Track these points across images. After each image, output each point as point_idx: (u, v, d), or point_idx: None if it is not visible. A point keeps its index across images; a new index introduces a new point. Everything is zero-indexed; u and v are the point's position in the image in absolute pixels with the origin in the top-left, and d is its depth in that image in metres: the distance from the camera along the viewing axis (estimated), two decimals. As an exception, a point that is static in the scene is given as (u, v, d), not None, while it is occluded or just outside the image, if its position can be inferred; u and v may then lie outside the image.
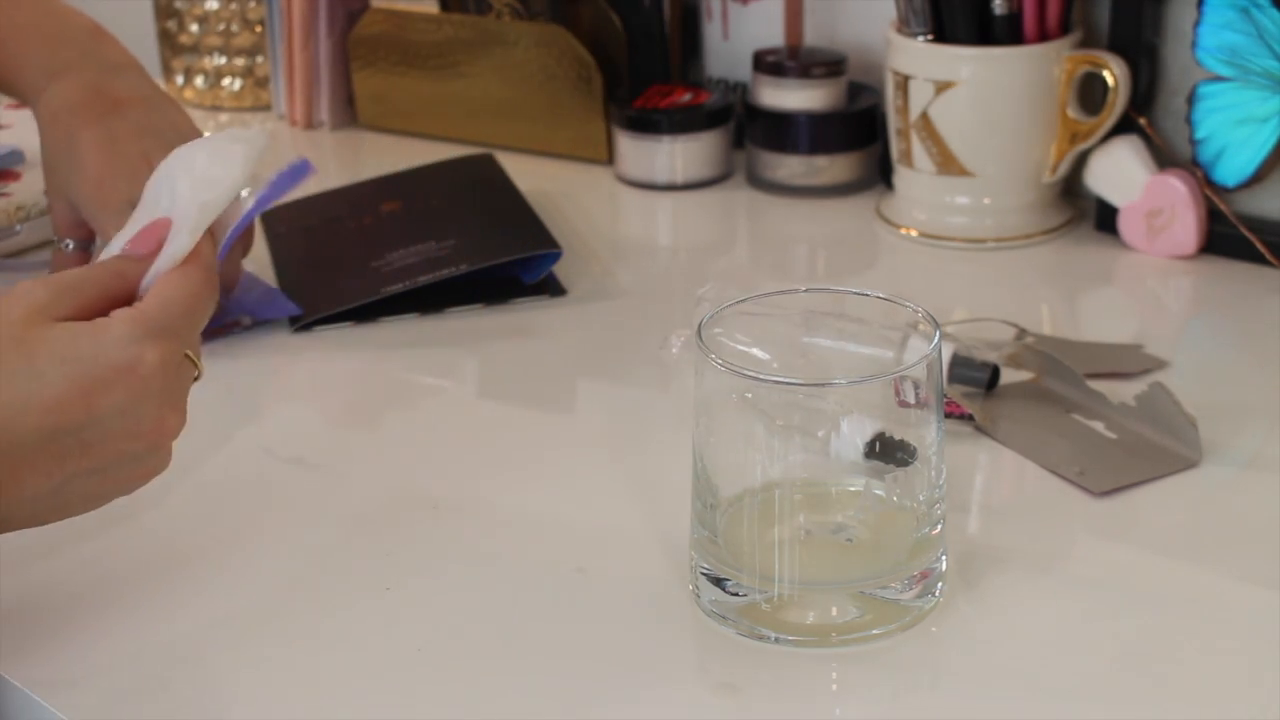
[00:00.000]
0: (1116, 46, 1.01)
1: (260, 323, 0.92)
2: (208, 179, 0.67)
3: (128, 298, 0.65)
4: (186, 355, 0.64)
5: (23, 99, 0.91)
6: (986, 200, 1.04)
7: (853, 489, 0.66)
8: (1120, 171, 1.02)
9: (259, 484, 0.78)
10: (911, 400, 0.63)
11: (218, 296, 0.67)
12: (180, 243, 0.65)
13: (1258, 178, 0.98)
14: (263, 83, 1.33)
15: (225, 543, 0.72)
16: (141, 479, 0.64)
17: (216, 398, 0.84)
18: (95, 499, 0.64)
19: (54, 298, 0.62)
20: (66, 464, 0.61)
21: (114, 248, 0.68)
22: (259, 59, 1.32)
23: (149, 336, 0.62)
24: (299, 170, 0.68)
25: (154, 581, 0.69)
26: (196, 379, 0.65)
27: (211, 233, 0.67)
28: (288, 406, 0.88)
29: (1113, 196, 1.03)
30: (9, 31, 0.90)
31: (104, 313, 0.63)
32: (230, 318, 0.91)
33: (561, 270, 0.98)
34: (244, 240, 0.90)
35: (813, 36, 1.16)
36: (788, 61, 1.12)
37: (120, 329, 0.61)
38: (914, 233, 1.05)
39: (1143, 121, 1.02)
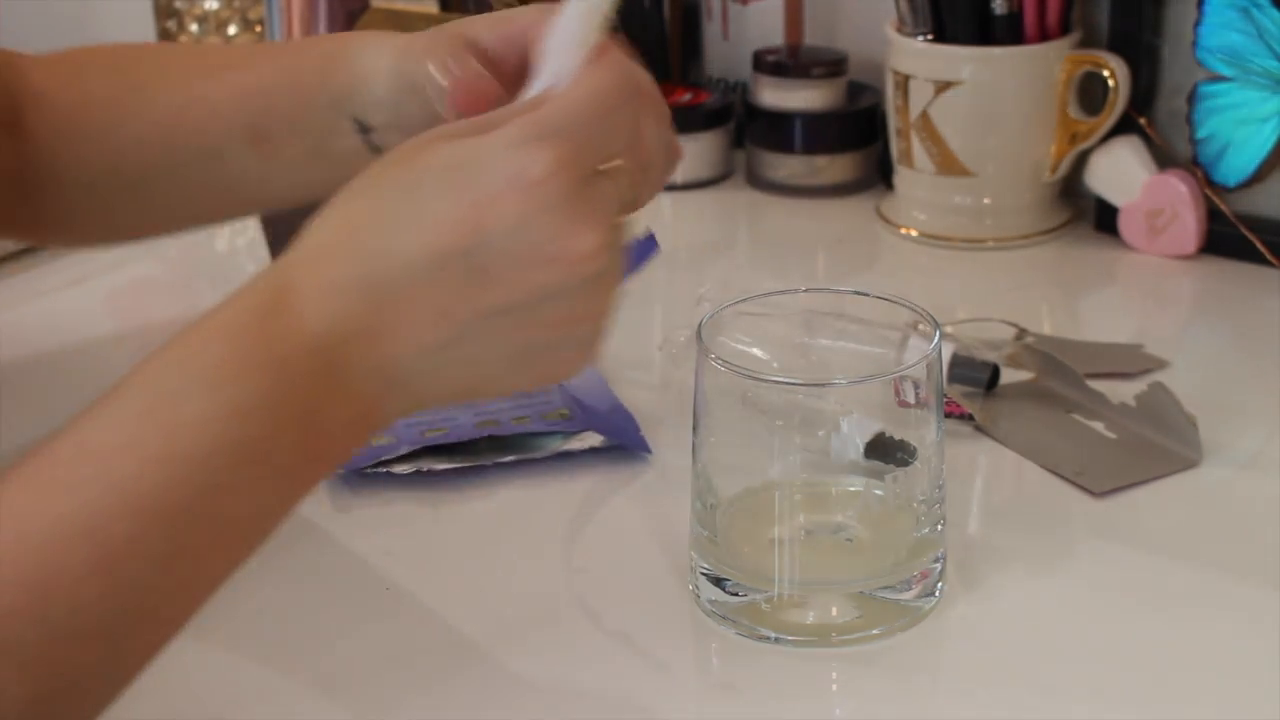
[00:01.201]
0: (1116, 46, 1.01)
1: (612, 446, 0.78)
2: None
3: None
4: (622, 175, 0.54)
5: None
6: (986, 200, 1.04)
7: (853, 489, 0.66)
8: (1120, 171, 1.02)
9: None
10: (911, 400, 0.63)
11: (636, 106, 0.56)
12: (572, 58, 0.56)
13: (1258, 178, 0.98)
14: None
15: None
16: (573, 325, 0.54)
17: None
18: (516, 352, 0.53)
19: (455, 128, 0.55)
20: (463, 297, 0.51)
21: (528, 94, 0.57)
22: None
23: (541, 139, 0.52)
24: (646, 248, 0.60)
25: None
26: (627, 205, 0.55)
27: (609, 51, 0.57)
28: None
29: (1113, 196, 1.03)
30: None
31: None
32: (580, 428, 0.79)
33: (561, 270, 0.97)
34: None
35: (813, 36, 1.16)
36: (788, 61, 1.12)
37: (508, 132, 0.52)
38: (914, 233, 1.05)
39: (1143, 121, 1.02)
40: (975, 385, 0.82)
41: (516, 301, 0.52)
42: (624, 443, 0.77)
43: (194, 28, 1.32)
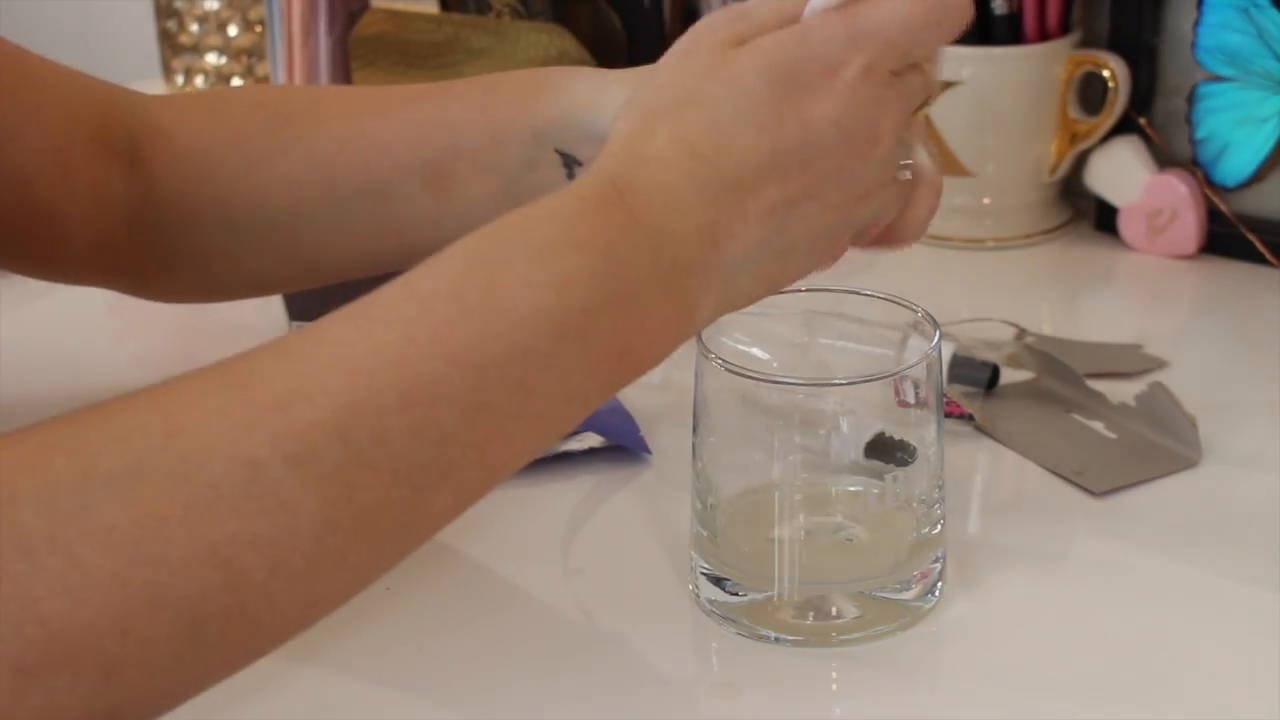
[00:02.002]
0: (1116, 46, 1.01)
1: (612, 446, 0.79)
2: None
3: None
4: (919, 68, 0.58)
5: None
6: (986, 200, 1.04)
7: (853, 489, 0.66)
8: (1120, 171, 1.02)
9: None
10: (911, 400, 0.63)
11: (949, 20, 0.58)
12: None
13: (1258, 178, 0.98)
14: (263, 83, 1.33)
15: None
16: (860, 203, 0.57)
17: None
18: (821, 236, 0.57)
19: (737, 24, 0.57)
20: (786, 187, 0.55)
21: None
22: (259, 59, 1.32)
23: (856, 36, 0.55)
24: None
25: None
26: (926, 103, 0.59)
27: None
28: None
29: (1113, 196, 1.03)
30: None
31: None
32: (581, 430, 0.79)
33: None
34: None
35: (813, 36, 1.16)
36: (788, 61, 1.12)
37: (824, 30, 0.56)
38: (914, 233, 1.05)
39: (1143, 121, 1.02)
40: (975, 385, 0.82)
41: (823, 186, 0.56)
42: (624, 443, 0.78)
43: (194, 28, 1.32)
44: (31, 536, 0.42)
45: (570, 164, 0.71)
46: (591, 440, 0.77)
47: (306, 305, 0.93)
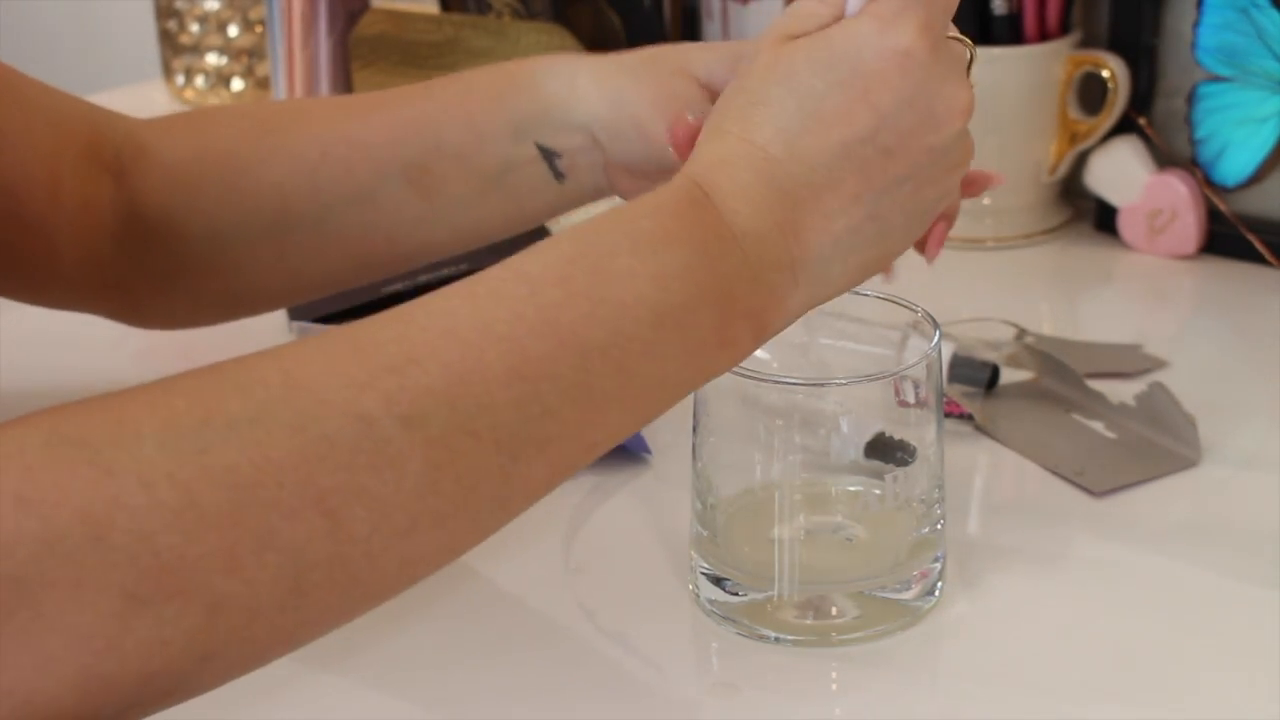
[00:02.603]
0: (1116, 46, 1.02)
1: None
2: None
3: None
4: (953, 36, 0.59)
5: None
6: (986, 200, 1.04)
7: (852, 489, 0.66)
8: (1120, 171, 1.02)
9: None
10: (911, 400, 0.63)
11: None
12: None
13: (1258, 178, 0.98)
14: (263, 83, 1.33)
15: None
16: (952, 177, 0.59)
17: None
18: (916, 215, 0.58)
19: (790, 22, 0.59)
20: (871, 177, 0.56)
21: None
22: (259, 59, 1.33)
23: (902, 17, 0.56)
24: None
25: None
26: (971, 60, 0.60)
27: None
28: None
29: (1113, 196, 1.03)
30: None
31: None
32: None
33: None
34: None
35: (813, 36, 1.16)
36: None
37: (870, 20, 0.57)
38: (914, 233, 1.05)
39: (1143, 121, 1.02)
40: (975, 385, 0.82)
41: (916, 166, 0.57)
42: (624, 443, 0.78)
43: (194, 28, 1.32)
44: (153, 471, 0.44)
45: (550, 157, 0.72)
46: None
47: (306, 305, 0.93)
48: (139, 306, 0.78)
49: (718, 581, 0.65)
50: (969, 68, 0.60)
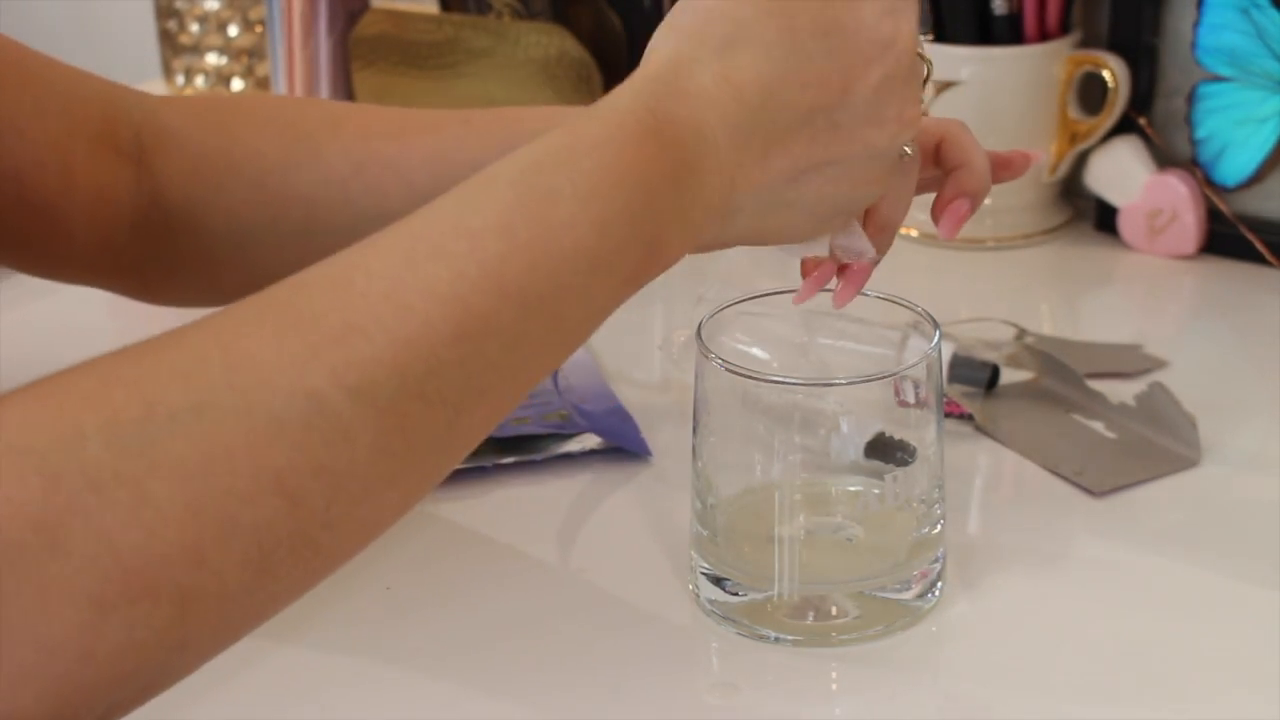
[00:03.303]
0: (1116, 46, 1.02)
1: (612, 446, 0.79)
2: None
3: None
4: (918, 51, 0.59)
5: None
6: (986, 200, 1.03)
7: (853, 489, 0.66)
8: (1120, 171, 1.02)
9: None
10: (911, 400, 0.63)
11: None
12: None
13: (1258, 178, 0.98)
14: (263, 83, 1.33)
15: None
16: (870, 183, 0.59)
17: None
18: (824, 202, 0.59)
19: None
20: (814, 149, 0.57)
21: None
22: (259, 59, 1.32)
23: (905, 9, 0.57)
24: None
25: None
26: (927, 78, 0.61)
27: None
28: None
29: (1113, 196, 1.03)
30: None
31: None
32: (577, 429, 0.79)
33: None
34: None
35: (813, 36, 1.16)
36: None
37: (876, 2, 0.57)
38: (914, 233, 1.05)
39: (1143, 121, 1.02)
40: (975, 385, 0.82)
41: (850, 156, 0.57)
42: (624, 445, 0.78)
43: (194, 28, 1.32)
44: (100, 470, 0.43)
45: None
46: (591, 441, 0.77)
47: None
48: (154, 289, 0.77)
49: (718, 581, 0.65)
50: (925, 81, 0.61)
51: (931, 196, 0.66)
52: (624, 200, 0.53)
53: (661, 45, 0.57)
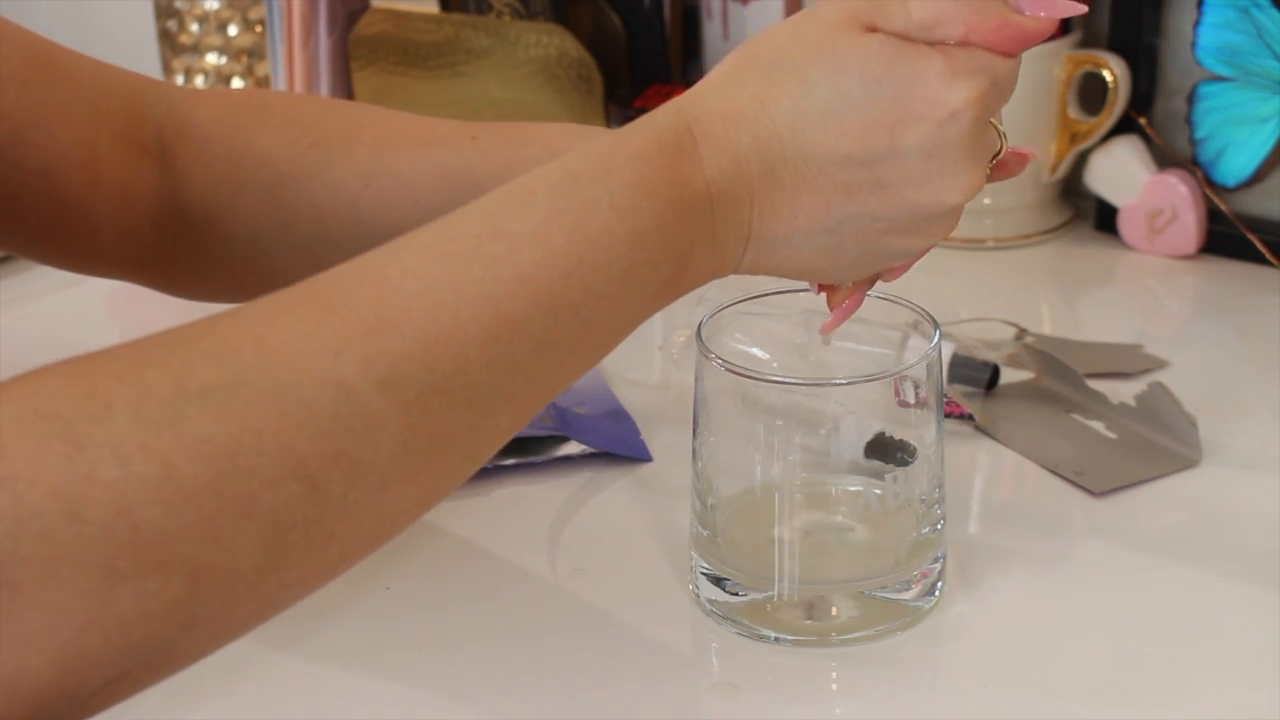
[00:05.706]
0: (1116, 46, 1.02)
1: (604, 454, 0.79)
2: None
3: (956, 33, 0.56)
4: (992, 123, 0.58)
5: None
6: (986, 200, 1.04)
7: (853, 489, 0.66)
8: (1120, 171, 1.02)
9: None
10: (911, 400, 0.63)
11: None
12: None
13: (1258, 178, 0.98)
14: (263, 83, 1.33)
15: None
16: (918, 243, 0.59)
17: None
18: (867, 256, 0.58)
19: (876, 7, 0.56)
20: (851, 200, 0.56)
21: None
22: (259, 59, 1.32)
23: (970, 77, 0.56)
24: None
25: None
26: (997, 155, 0.59)
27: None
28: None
29: (1113, 196, 1.03)
30: None
31: (926, 41, 0.56)
32: (580, 437, 0.79)
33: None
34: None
35: (813, 36, 1.16)
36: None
37: (942, 62, 0.56)
38: (914, 233, 1.05)
39: (1143, 121, 1.02)
40: (975, 385, 0.82)
41: (893, 213, 0.57)
42: (624, 452, 0.78)
43: (194, 28, 1.32)
44: (127, 442, 0.44)
45: None
46: (591, 448, 0.78)
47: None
48: (180, 284, 0.78)
49: (718, 581, 0.65)
50: (994, 158, 0.59)
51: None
52: (658, 214, 0.53)
53: (720, 65, 0.58)
